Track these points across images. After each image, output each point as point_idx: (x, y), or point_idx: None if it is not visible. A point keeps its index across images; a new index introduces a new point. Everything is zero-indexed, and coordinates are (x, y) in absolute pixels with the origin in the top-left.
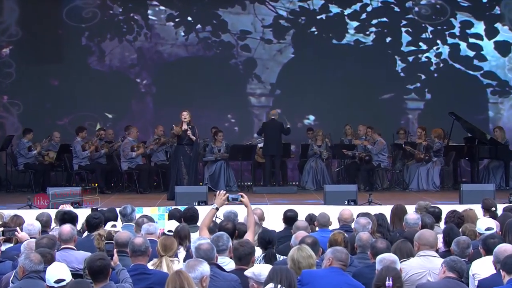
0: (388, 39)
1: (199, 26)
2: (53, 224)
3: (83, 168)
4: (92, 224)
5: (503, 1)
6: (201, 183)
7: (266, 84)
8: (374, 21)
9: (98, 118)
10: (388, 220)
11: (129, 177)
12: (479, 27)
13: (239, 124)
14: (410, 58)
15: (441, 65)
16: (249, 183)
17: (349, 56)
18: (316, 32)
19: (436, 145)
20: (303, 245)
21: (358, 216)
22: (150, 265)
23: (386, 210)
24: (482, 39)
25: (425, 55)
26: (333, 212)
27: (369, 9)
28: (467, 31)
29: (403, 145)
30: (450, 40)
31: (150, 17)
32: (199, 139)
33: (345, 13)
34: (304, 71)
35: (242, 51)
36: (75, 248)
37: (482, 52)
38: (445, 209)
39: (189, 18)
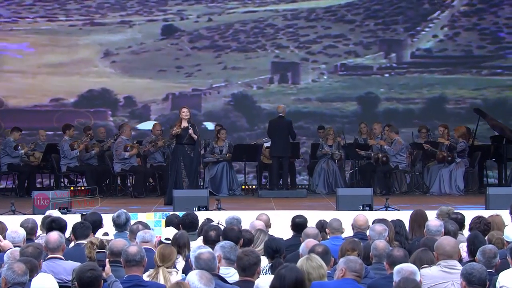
0: None
1: None
2: (39, 232)
3: (71, 169)
4: (79, 232)
5: None
6: (201, 186)
7: None
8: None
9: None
10: (407, 227)
11: (122, 180)
12: None
13: None
14: None
15: None
16: (254, 186)
17: None
18: None
19: (460, 145)
20: (312, 255)
21: (373, 222)
22: (145, 277)
23: (404, 216)
24: None
25: None
26: (346, 218)
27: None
28: None
29: (423, 144)
30: None
31: None
32: (200, 138)
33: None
34: None
35: None
36: (63, 258)
37: None
38: (470, 215)
39: None
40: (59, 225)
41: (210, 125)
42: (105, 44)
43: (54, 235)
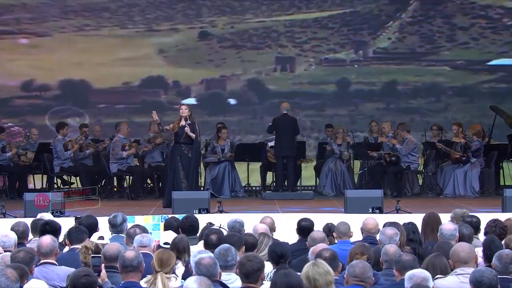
0: None
1: None
2: (30, 236)
3: (65, 170)
4: (74, 236)
5: None
6: (202, 188)
7: None
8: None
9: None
10: (420, 231)
11: (119, 181)
12: None
13: None
14: None
15: None
16: (258, 188)
17: None
18: None
19: (475, 144)
20: (319, 260)
21: (384, 226)
22: (143, 283)
23: (417, 219)
24: None
25: None
26: (355, 221)
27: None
28: None
29: (436, 143)
30: None
31: None
32: (200, 137)
33: None
34: None
35: None
36: (56, 263)
37: None
38: (485, 218)
39: None
40: (53, 228)
41: (232, 101)
42: (159, 44)
43: (47, 239)
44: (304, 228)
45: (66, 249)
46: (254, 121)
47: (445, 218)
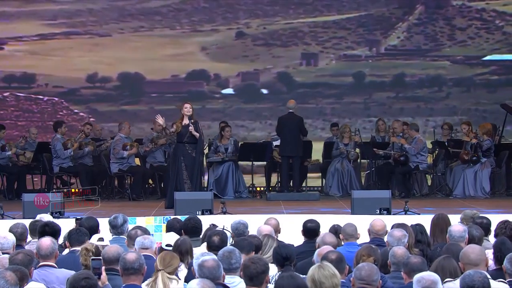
0: None
1: None
2: (29, 237)
3: (65, 170)
4: (74, 238)
5: None
6: (205, 189)
7: None
8: None
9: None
10: (428, 233)
11: (119, 181)
12: None
13: None
14: None
15: None
16: (262, 188)
17: None
18: None
19: (486, 143)
20: (324, 262)
21: (392, 227)
22: (144, 286)
23: (425, 220)
24: None
25: None
26: (362, 223)
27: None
28: None
29: (446, 143)
30: None
31: None
32: (203, 136)
33: None
34: None
35: None
36: (56, 266)
37: None
38: (496, 219)
39: None
40: (53, 230)
41: (264, 91)
42: (202, 43)
43: (47, 241)
44: (310, 230)
45: (66, 251)
46: (282, 108)
47: (455, 220)
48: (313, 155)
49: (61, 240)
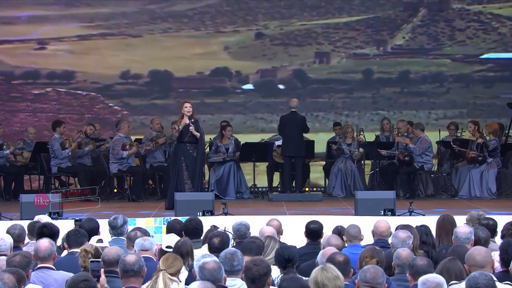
0: None
1: None
2: (27, 239)
3: (63, 170)
4: (73, 239)
5: None
6: (206, 189)
7: None
8: None
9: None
10: (433, 234)
11: (119, 182)
12: None
13: None
14: None
15: None
16: (264, 189)
17: None
18: None
19: (492, 143)
20: (328, 264)
21: (396, 229)
22: None
23: (430, 221)
24: None
25: None
26: (366, 224)
27: None
28: None
29: (452, 143)
30: None
31: None
32: (204, 135)
33: None
34: None
35: None
36: (54, 268)
37: None
38: (502, 220)
39: None
40: (51, 231)
41: (281, 86)
42: (224, 43)
43: (45, 242)
44: (313, 231)
45: (64, 253)
46: (298, 101)
47: (460, 221)
48: (323, 145)
49: (59, 241)
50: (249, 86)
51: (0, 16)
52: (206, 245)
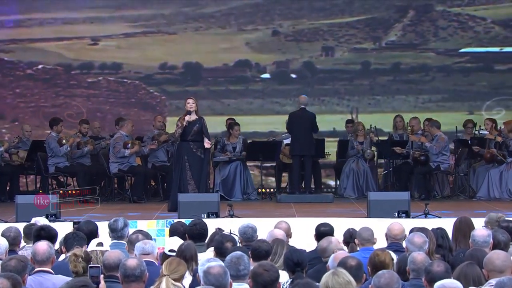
0: None
1: None
2: (22, 242)
3: (61, 170)
4: (71, 242)
5: None
6: (211, 190)
7: None
8: None
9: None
10: (450, 237)
11: (119, 182)
12: None
13: None
14: None
15: None
16: (272, 190)
17: None
18: None
19: (511, 142)
20: (339, 269)
21: (411, 231)
22: None
23: (447, 224)
24: None
25: None
26: (379, 227)
27: None
28: None
29: (469, 142)
30: None
31: None
32: (208, 133)
33: None
34: None
35: None
36: (52, 272)
37: None
38: None
39: None
40: (49, 234)
41: (293, 75)
42: (246, 39)
43: (43, 245)
44: (323, 234)
45: (62, 256)
46: (307, 89)
47: (478, 223)
48: (329, 125)
49: (57, 245)
50: (266, 75)
51: (61, 18)
52: (210, 249)
